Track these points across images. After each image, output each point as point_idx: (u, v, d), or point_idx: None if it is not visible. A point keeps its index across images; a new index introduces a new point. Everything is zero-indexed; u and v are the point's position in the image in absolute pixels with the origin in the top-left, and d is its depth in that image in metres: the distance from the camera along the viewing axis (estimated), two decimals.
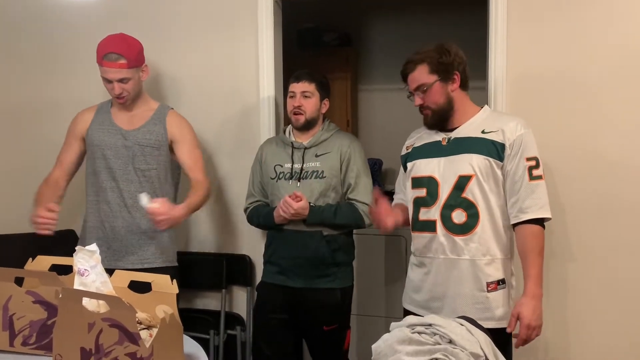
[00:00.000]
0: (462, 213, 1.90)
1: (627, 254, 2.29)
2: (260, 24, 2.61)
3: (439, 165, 1.96)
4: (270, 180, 2.33)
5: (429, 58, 1.94)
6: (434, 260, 1.96)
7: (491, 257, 1.91)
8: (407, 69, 1.99)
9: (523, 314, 1.83)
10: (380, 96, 4.16)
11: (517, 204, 1.89)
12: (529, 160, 1.89)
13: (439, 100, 1.95)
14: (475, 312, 1.87)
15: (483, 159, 1.89)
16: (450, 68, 1.94)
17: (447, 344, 1.37)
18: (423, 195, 1.98)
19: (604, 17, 2.26)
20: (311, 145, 2.31)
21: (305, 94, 2.28)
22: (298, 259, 2.25)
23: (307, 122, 2.30)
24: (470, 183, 1.89)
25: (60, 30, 2.83)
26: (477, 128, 1.95)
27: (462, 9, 3.58)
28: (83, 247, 1.62)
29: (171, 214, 2.08)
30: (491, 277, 1.90)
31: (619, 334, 2.31)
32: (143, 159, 2.29)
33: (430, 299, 1.97)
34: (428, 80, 1.94)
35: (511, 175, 1.90)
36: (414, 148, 2.08)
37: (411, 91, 2.00)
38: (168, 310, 1.51)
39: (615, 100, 2.27)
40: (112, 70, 2.25)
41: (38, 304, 1.65)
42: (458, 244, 1.91)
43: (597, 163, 2.29)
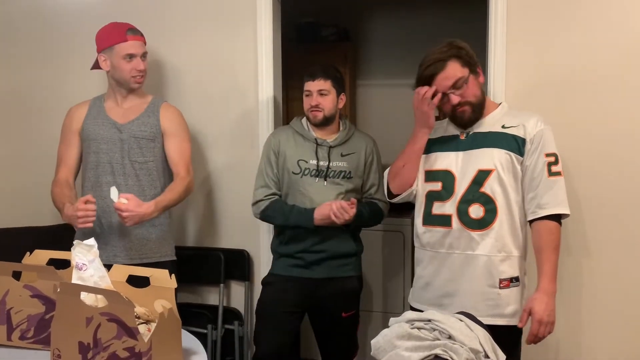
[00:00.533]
0: (480, 208, 1.88)
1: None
2: (259, 19, 2.60)
3: (457, 159, 1.93)
4: (292, 175, 2.30)
5: (456, 53, 1.88)
6: (448, 255, 1.93)
7: (506, 253, 1.89)
8: (437, 69, 1.88)
9: (535, 309, 1.82)
10: (379, 91, 4.15)
11: (535, 199, 1.88)
12: (548, 156, 1.88)
13: (478, 93, 1.91)
14: (485, 308, 1.86)
15: (504, 154, 1.88)
16: (474, 61, 1.91)
17: (447, 339, 1.37)
18: (438, 189, 1.94)
19: (606, 13, 2.25)
20: (337, 144, 2.32)
21: (322, 92, 2.27)
22: (322, 253, 2.28)
23: (326, 118, 2.29)
24: (489, 178, 1.87)
25: (59, 25, 2.82)
26: (497, 123, 1.93)
27: (461, 4, 3.57)
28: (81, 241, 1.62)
29: (138, 211, 2.08)
30: (504, 274, 1.88)
31: (633, 334, 2.28)
32: (139, 151, 2.28)
33: (442, 296, 1.95)
34: (463, 73, 1.88)
35: (530, 171, 1.88)
36: (429, 140, 2.02)
37: (444, 92, 1.90)
38: (167, 304, 1.51)
39: (621, 95, 2.25)
40: (138, 43, 2.26)
41: (36, 298, 1.64)
42: (474, 239, 1.88)
43: (611, 160, 2.27)
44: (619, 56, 2.24)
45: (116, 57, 2.25)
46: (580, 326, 2.33)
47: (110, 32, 2.27)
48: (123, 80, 2.28)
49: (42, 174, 2.51)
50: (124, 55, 2.24)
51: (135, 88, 2.31)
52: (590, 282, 2.32)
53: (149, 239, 2.30)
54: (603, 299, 2.31)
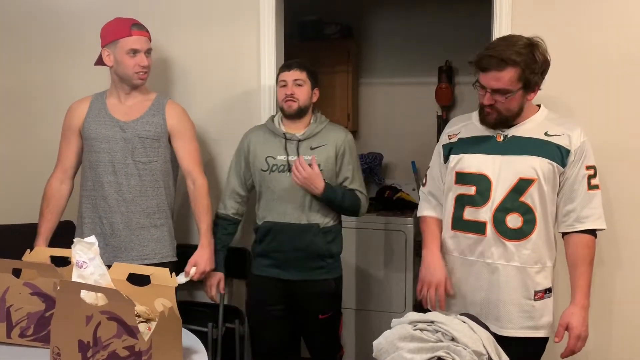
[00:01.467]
0: (519, 218, 1.81)
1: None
2: (262, 16, 2.58)
3: (494, 163, 1.84)
4: (261, 172, 2.30)
5: (523, 63, 1.75)
6: (478, 263, 1.87)
7: (542, 265, 1.85)
8: (494, 65, 1.76)
9: (572, 325, 1.79)
10: (381, 90, 4.13)
11: (574, 212, 1.84)
12: (588, 168, 1.83)
13: (514, 109, 1.82)
14: (519, 320, 1.83)
15: (547, 163, 1.81)
16: (538, 79, 1.80)
17: (450, 341, 1.36)
18: (471, 193, 1.86)
19: (611, 9, 2.23)
20: (305, 137, 2.28)
21: (297, 82, 2.26)
22: (295, 252, 2.26)
23: (300, 109, 2.27)
24: (531, 187, 1.80)
25: (63, 19, 2.80)
26: (539, 129, 1.85)
27: (464, 2, 3.55)
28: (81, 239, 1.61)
29: (206, 266, 2.27)
30: (540, 286, 1.84)
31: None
32: (143, 151, 2.26)
33: (469, 304, 1.89)
34: (513, 87, 1.77)
35: (570, 183, 1.83)
36: (461, 139, 1.94)
37: (484, 85, 1.80)
38: (167, 303, 1.50)
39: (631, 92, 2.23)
40: (143, 39, 2.24)
41: (36, 295, 1.63)
42: (509, 249, 1.82)
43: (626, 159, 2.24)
44: (626, 52, 2.22)
45: (120, 52, 2.22)
46: (610, 339, 2.30)
47: (114, 26, 2.25)
48: (126, 76, 2.26)
49: (42, 171, 2.49)
50: (128, 50, 2.21)
51: (139, 84, 2.28)
52: (621, 294, 2.29)
53: (150, 239, 2.28)
54: (634, 311, 2.28)
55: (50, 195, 2.33)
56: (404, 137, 4.03)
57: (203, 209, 2.30)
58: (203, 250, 2.27)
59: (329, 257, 2.30)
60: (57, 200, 2.33)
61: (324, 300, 2.32)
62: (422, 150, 3.28)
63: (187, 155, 2.31)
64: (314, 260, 2.27)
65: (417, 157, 3.84)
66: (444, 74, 3.90)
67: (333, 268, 2.33)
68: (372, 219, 3.40)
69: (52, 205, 2.32)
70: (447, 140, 1.99)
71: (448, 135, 2.00)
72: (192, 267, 2.23)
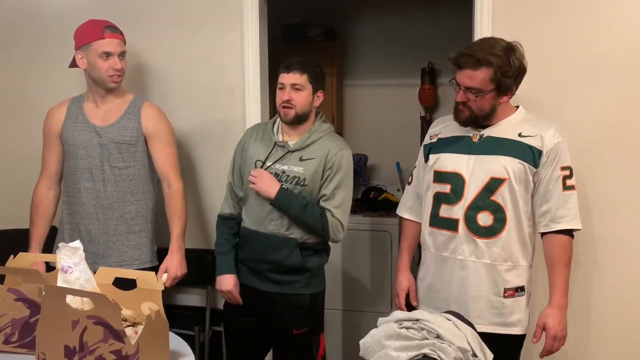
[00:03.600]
0: (489, 216, 1.85)
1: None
2: (245, 18, 2.58)
3: (469, 162, 1.88)
4: (248, 174, 2.16)
5: (498, 64, 1.79)
6: (451, 259, 1.91)
7: (513, 263, 1.87)
8: (466, 63, 1.81)
9: (549, 325, 1.82)
10: (366, 91, 4.16)
11: (548, 213, 1.86)
12: (563, 169, 1.86)
13: (485, 109, 1.86)
14: (489, 316, 1.86)
15: (518, 163, 1.84)
16: (511, 83, 1.83)
17: (435, 338, 1.38)
18: (446, 191, 1.90)
19: (591, 15, 2.27)
20: (296, 148, 2.11)
21: (295, 86, 2.07)
22: (269, 263, 2.12)
23: (297, 116, 2.09)
24: (502, 186, 1.83)
25: (43, 22, 2.77)
26: (513, 130, 1.88)
27: (447, 4, 3.59)
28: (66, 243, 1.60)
29: (177, 273, 2.23)
30: (510, 284, 1.87)
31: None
32: (120, 156, 2.23)
33: (443, 299, 1.93)
34: (485, 87, 1.81)
35: (544, 184, 1.86)
36: (440, 139, 1.99)
37: (459, 83, 1.85)
38: (153, 307, 1.50)
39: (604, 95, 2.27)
40: (116, 41, 2.21)
41: (20, 301, 1.62)
42: (480, 247, 1.86)
43: (617, 170, 2.26)
44: (604, 54, 2.26)
45: (93, 55, 2.18)
46: (589, 339, 2.34)
47: (87, 29, 2.21)
48: (100, 80, 2.22)
49: (24, 176, 2.48)
50: (101, 53, 2.18)
51: (112, 88, 2.25)
52: (599, 295, 2.31)
53: (127, 245, 2.26)
54: (611, 312, 2.31)
55: (39, 202, 2.31)
56: (388, 138, 4.05)
57: (176, 214, 2.27)
58: (173, 255, 2.23)
59: (305, 272, 2.13)
60: (45, 206, 2.31)
61: (297, 315, 2.14)
62: (407, 151, 3.30)
63: (162, 158, 2.28)
64: (288, 274, 2.12)
65: (402, 158, 3.86)
66: (427, 75, 3.93)
67: (310, 283, 2.15)
68: (357, 219, 3.42)
69: (41, 211, 2.30)
70: (428, 140, 2.05)
71: (430, 135, 2.06)
72: (164, 273, 2.16)
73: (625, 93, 2.26)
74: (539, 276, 1.98)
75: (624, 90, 2.26)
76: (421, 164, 2.07)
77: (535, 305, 1.98)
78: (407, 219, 2.13)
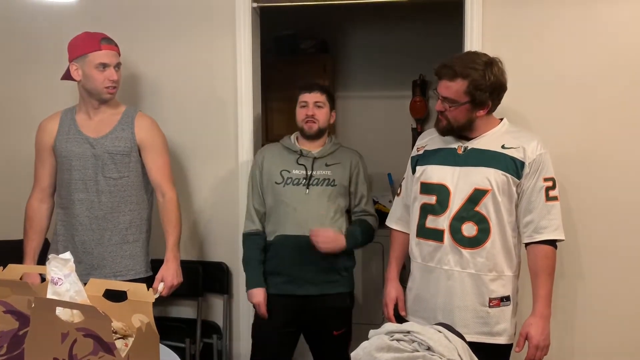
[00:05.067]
0: (473, 226, 1.87)
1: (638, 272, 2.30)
2: (238, 31, 2.60)
3: (453, 174, 1.91)
4: (275, 185, 2.31)
5: (473, 77, 1.82)
6: (437, 269, 1.92)
7: (497, 273, 1.89)
8: (444, 74, 1.87)
9: (532, 334, 1.83)
10: (358, 103, 4.18)
11: (532, 223, 1.88)
12: (546, 180, 1.88)
13: (460, 120, 1.89)
14: (474, 325, 1.87)
15: (501, 175, 1.86)
16: (486, 98, 1.85)
17: (426, 350, 1.38)
18: (432, 202, 1.93)
19: (575, 23, 2.31)
20: (321, 155, 2.34)
21: (317, 103, 2.33)
22: (309, 265, 2.25)
23: (320, 130, 2.33)
24: (485, 197, 1.86)
25: (39, 32, 2.77)
26: (497, 142, 1.91)
27: (437, 17, 3.63)
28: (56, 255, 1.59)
29: (174, 282, 2.24)
30: (495, 294, 1.89)
31: (626, 357, 2.31)
32: (114, 167, 2.23)
33: (429, 309, 1.95)
34: (459, 99, 1.85)
35: (527, 194, 1.88)
36: (426, 151, 2.02)
37: (438, 92, 1.91)
38: (144, 319, 1.49)
39: (587, 108, 2.31)
40: (112, 53, 2.22)
41: (9, 314, 1.60)
42: (464, 257, 1.88)
43: (593, 165, 2.31)
44: (588, 67, 2.31)
45: (88, 66, 2.19)
46: (573, 349, 2.36)
47: (83, 40, 2.22)
48: (95, 91, 2.23)
49: (16, 186, 2.47)
50: (97, 64, 2.19)
51: (108, 99, 2.25)
52: (583, 304, 2.34)
53: (122, 256, 2.26)
54: (595, 321, 2.33)
55: (32, 216, 2.31)
56: (380, 150, 4.06)
57: (171, 223, 2.28)
58: (169, 264, 2.25)
59: (344, 271, 2.32)
60: (39, 219, 2.31)
61: (339, 316, 2.33)
62: (398, 163, 3.30)
63: (156, 168, 2.29)
64: (329, 274, 2.28)
65: (393, 169, 3.89)
66: (418, 87, 3.97)
67: (347, 281, 2.35)
68: None
69: (34, 224, 2.30)
70: (415, 152, 2.09)
71: (417, 147, 2.09)
72: (160, 282, 2.19)
73: (607, 106, 2.31)
74: (527, 286, 1.99)
75: (606, 104, 2.31)
76: (409, 176, 2.10)
77: (523, 315, 1.98)
78: (396, 229, 2.15)
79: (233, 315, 2.72)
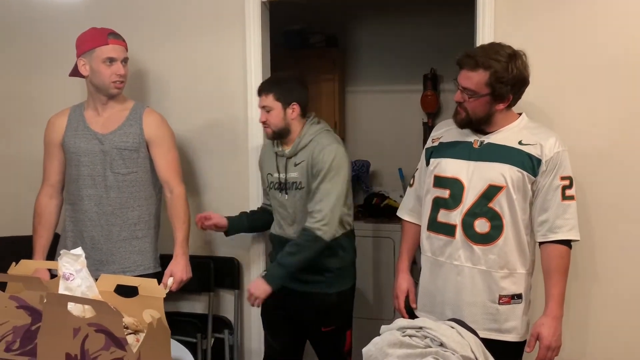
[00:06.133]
0: (486, 223, 1.84)
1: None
2: (247, 25, 2.59)
3: (468, 169, 1.88)
4: (266, 188, 2.39)
5: (495, 69, 1.79)
6: (447, 264, 1.91)
7: (509, 270, 1.87)
8: (466, 64, 1.83)
9: (543, 335, 1.81)
10: (368, 97, 4.16)
11: (547, 223, 1.86)
12: (563, 179, 1.84)
13: (479, 113, 1.86)
14: (483, 322, 1.85)
15: (517, 171, 1.83)
16: (506, 91, 1.82)
17: (438, 346, 1.37)
18: (445, 196, 1.90)
19: (594, 20, 2.26)
20: (290, 154, 2.25)
21: (265, 108, 2.23)
22: None
23: (276, 133, 2.24)
24: (500, 194, 1.83)
25: (46, 29, 2.78)
26: (514, 137, 1.87)
27: (448, 10, 3.60)
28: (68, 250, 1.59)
29: (183, 275, 2.24)
30: (505, 291, 1.86)
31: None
32: (122, 162, 2.23)
33: (438, 304, 1.94)
34: (479, 90, 1.81)
35: (543, 193, 1.85)
36: (442, 143, 1.99)
37: (458, 82, 1.87)
38: (155, 314, 1.49)
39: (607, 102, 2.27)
40: (120, 47, 2.22)
41: (22, 309, 1.61)
42: (476, 253, 1.86)
43: (618, 181, 2.25)
44: (605, 60, 2.26)
45: (96, 61, 2.19)
46: (585, 350, 2.32)
47: (91, 35, 2.22)
48: (102, 86, 2.22)
49: (26, 182, 2.49)
50: (105, 58, 2.18)
51: (115, 94, 2.25)
52: (597, 305, 2.30)
53: (131, 251, 2.27)
54: (610, 322, 2.29)
55: (41, 212, 2.32)
56: (390, 145, 4.05)
57: (179, 218, 2.28)
58: (178, 259, 2.25)
59: (327, 272, 2.24)
60: (48, 215, 2.32)
61: (325, 314, 2.29)
62: (409, 157, 3.30)
63: (164, 164, 2.29)
64: (311, 274, 2.23)
65: (404, 164, 3.87)
66: (429, 81, 3.94)
67: (334, 283, 2.26)
68: (360, 226, 3.40)
69: (43, 221, 2.31)
70: (430, 144, 2.05)
71: (432, 138, 2.06)
72: (169, 277, 2.20)
73: (629, 100, 2.25)
74: (539, 286, 1.96)
75: (628, 98, 2.25)
76: (423, 167, 2.07)
77: (536, 314, 1.96)
78: (407, 221, 2.13)
79: (244, 310, 2.72)
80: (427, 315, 1.89)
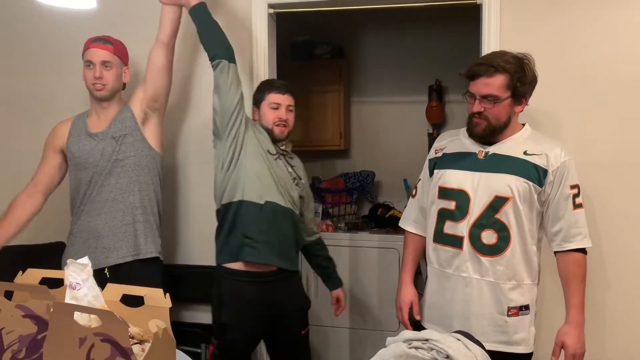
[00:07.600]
0: (493, 234, 1.84)
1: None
2: (254, 36, 2.61)
3: (473, 180, 1.87)
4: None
5: (512, 71, 1.81)
6: (454, 276, 1.90)
7: (517, 282, 1.86)
8: (483, 71, 1.82)
9: (568, 343, 1.81)
10: (373, 108, 4.18)
11: (561, 232, 1.86)
12: (572, 187, 1.85)
13: (503, 118, 1.85)
14: (492, 334, 1.85)
15: (523, 182, 1.83)
16: (524, 91, 1.84)
17: (445, 359, 1.36)
18: (451, 208, 1.90)
19: (600, 32, 2.28)
20: (284, 153, 2.34)
21: (289, 107, 2.26)
22: None
23: (288, 134, 2.31)
24: (506, 205, 1.82)
25: (53, 33, 2.82)
26: (519, 148, 1.87)
27: (454, 22, 3.61)
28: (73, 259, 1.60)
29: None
30: (514, 302, 1.86)
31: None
32: (119, 148, 2.29)
33: (445, 316, 1.93)
34: (501, 94, 1.82)
35: (555, 203, 1.85)
36: (445, 154, 1.99)
37: (473, 93, 1.85)
38: (161, 324, 1.49)
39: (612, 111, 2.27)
40: (98, 51, 2.27)
41: (28, 318, 1.61)
42: (484, 265, 1.85)
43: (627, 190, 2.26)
44: (611, 70, 2.27)
45: (83, 66, 2.30)
46: (604, 354, 2.30)
47: (86, 42, 2.33)
48: (89, 89, 2.32)
49: None
50: (85, 62, 2.29)
51: (99, 97, 2.31)
52: (610, 312, 2.29)
53: (136, 235, 2.30)
54: (622, 329, 2.29)
55: (13, 204, 2.35)
56: (395, 155, 4.06)
57: None
58: None
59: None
60: (18, 209, 2.33)
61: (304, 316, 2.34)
62: (414, 168, 3.28)
63: None
64: None
65: (409, 175, 3.87)
66: (434, 92, 3.96)
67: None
68: (364, 236, 3.41)
69: (10, 212, 2.33)
70: (433, 155, 2.05)
71: (435, 149, 2.05)
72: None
73: (635, 109, 2.26)
74: (546, 294, 1.96)
75: (633, 106, 2.26)
76: (426, 178, 2.07)
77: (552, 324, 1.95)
78: (411, 232, 2.12)
79: None
80: (435, 327, 1.88)
